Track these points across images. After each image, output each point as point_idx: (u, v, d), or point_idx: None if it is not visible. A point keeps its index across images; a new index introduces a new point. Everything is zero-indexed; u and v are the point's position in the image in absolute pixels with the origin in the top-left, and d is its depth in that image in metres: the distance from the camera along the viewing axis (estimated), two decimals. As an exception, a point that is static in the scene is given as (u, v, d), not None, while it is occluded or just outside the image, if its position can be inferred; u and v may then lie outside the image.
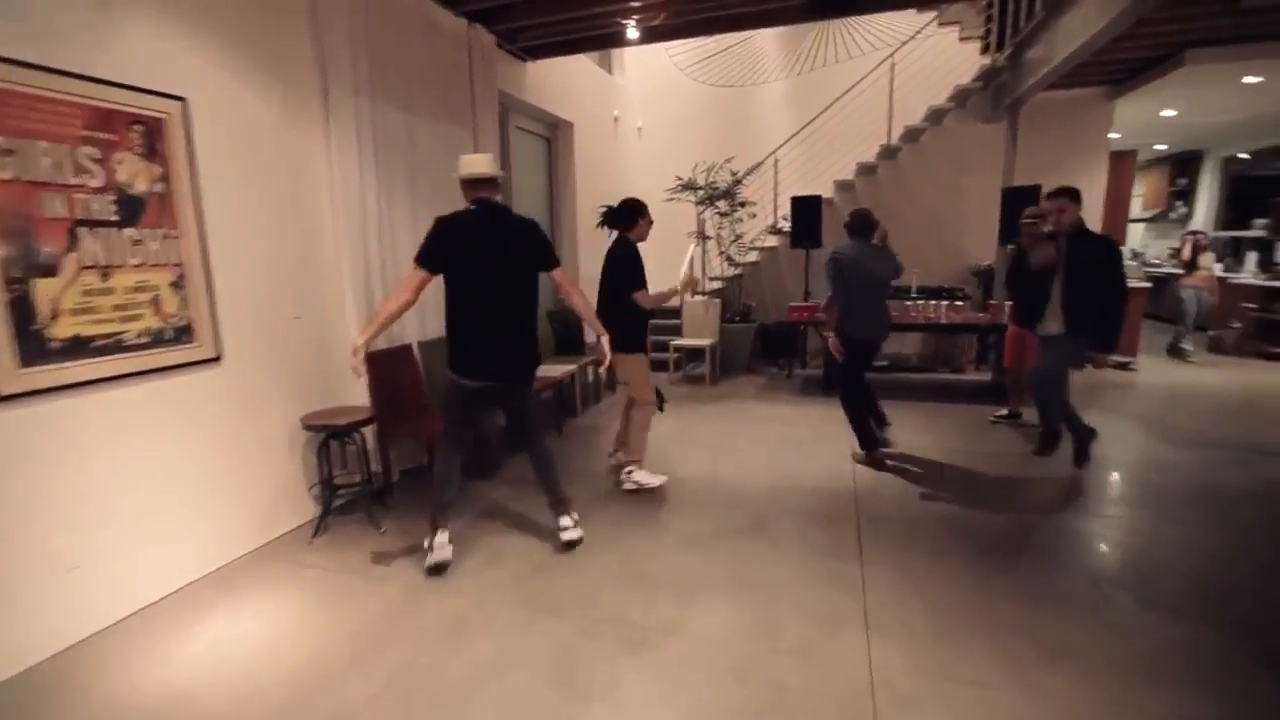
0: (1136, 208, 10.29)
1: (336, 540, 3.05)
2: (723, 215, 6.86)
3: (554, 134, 6.46)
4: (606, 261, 3.53)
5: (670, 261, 6.50)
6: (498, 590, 2.56)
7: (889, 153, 6.81)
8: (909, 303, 6.24)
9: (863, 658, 2.07)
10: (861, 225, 3.92)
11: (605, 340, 2.97)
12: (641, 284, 3.45)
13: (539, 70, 5.70)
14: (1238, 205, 9.07)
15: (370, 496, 3.27)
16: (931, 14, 6.70)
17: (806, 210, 6.49)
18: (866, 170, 6.99)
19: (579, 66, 6.53)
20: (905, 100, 6.72)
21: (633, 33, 5.04)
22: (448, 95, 4.25)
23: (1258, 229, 8.52)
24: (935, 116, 6.69)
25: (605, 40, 5.31)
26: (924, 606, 2.35)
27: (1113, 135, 7.12)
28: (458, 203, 2.84)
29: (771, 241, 7.44)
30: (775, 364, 6.97)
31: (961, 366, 6.82)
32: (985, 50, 6.65)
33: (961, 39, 6.89)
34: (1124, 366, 6.57)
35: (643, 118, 8.44)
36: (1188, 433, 4.44)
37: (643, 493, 3.54)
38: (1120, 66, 6.00)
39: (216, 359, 2.81)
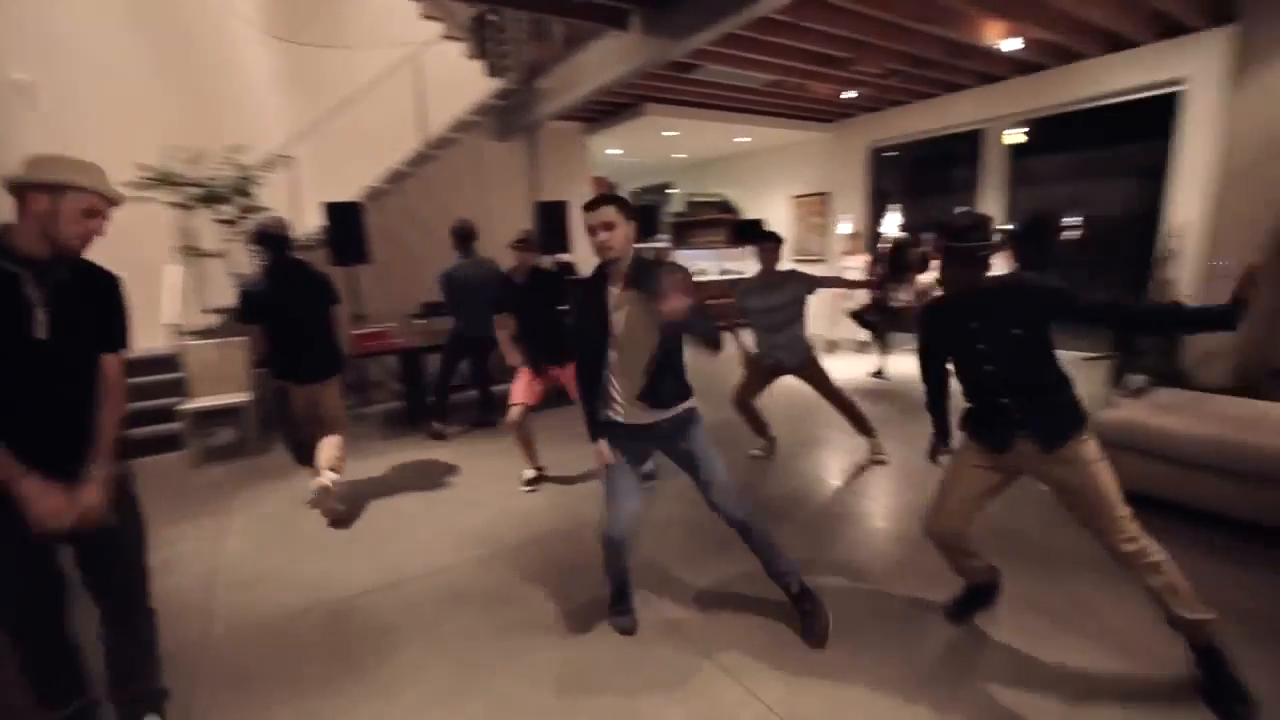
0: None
1: None
2: (226, 223, 5.03)
3: None
4: None
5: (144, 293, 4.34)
6: None
7: (421, 159, 6.35)
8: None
9: None
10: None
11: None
12: None
13: None
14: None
15: None
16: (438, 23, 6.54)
17: (345, 218, 5.42)
18: (398, 177, 6.33)
19: None
20: (433, 105, 6.37)
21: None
22: None
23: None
24: (461, 128, 6.59)
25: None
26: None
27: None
28: None
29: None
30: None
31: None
32: (493, 72, 6.93)
33: (470, 56, 6.99)
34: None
35: (31, 66, 5.35)
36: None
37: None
38: (600, 109, 7.26)
39: None
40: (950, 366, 2.15)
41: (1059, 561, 2.61)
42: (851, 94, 6.79)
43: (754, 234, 3.79)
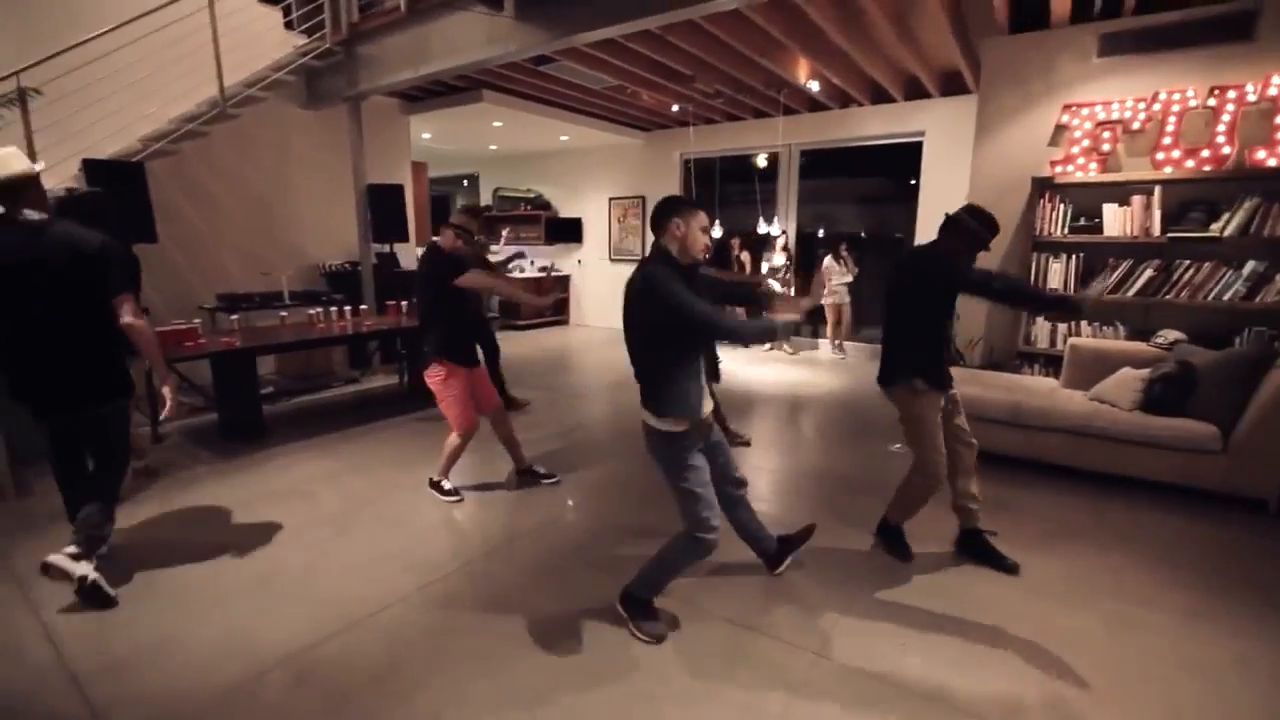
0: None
1: None
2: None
3: None
4: None
5: None
6: None
7: (214, 118, 5.15)
8: (284, 313, 5.19)
9: None
10: None
11: None
12: None
13: None
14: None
15: None
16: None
17: (119, 183, 4.21)
18: (180, 137, 5.05)
19: None
20: (233, 54, 5.19)
21: None
22: None
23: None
24: (269, 87, 5.46)
25: None
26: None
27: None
28: None
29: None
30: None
31: (355, 376, 6.22)
32: (290, 26, 5.92)
33: (262, 1, 5.85)
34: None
35: None
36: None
37: None
38: (429, 89, 6.69)
39: None
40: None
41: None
42: (676, 107, 7.36)
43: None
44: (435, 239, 3.26)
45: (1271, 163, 3.85)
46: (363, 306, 5.78)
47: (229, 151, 5.71)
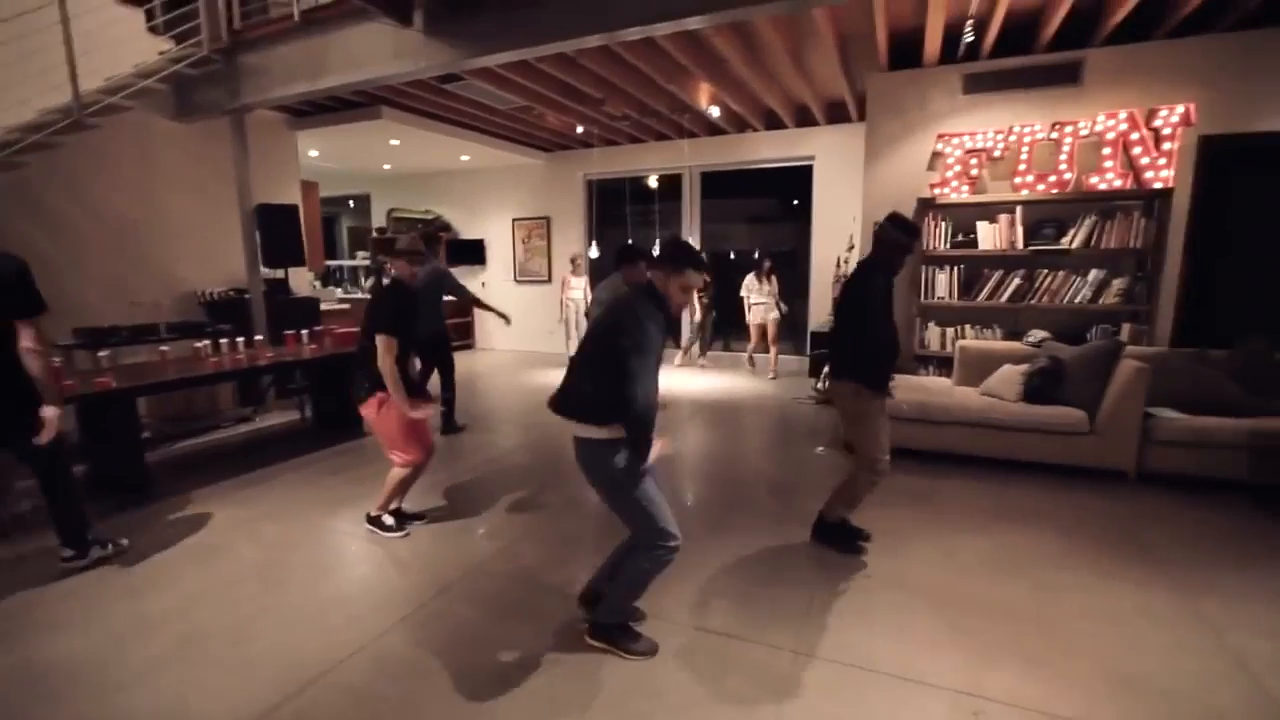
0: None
1: None
2: None
3: None
4: None
5: None
6: None
7: (68, 128, 4.50)
8: (165, 347, 4.63)
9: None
10: None
11: None
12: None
13: None
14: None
15: None
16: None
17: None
18: (26, 148, 4.36)
19: None
20: (89, 58, 4.56)
21: None
22: None
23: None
24: (135, 95, 4.85)
25: None
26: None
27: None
28: None
29: None
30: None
31: (247, 414, 5.61)
32: (155, 31, 5.34)
33: (121, 1, 5.22)
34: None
35: None
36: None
37: None
38: (319, 103, 6.27)
39: None
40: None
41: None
42: (581, 129, 7.44)
43: (628, 254, 4.14)
44: (393, 273, 3.06)
45: (1102, 187, 4.57)
46: (257, 337, 5.25)
47: (83, 167, 5.02)
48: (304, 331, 5.14)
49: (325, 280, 9.44)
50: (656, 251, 2.37)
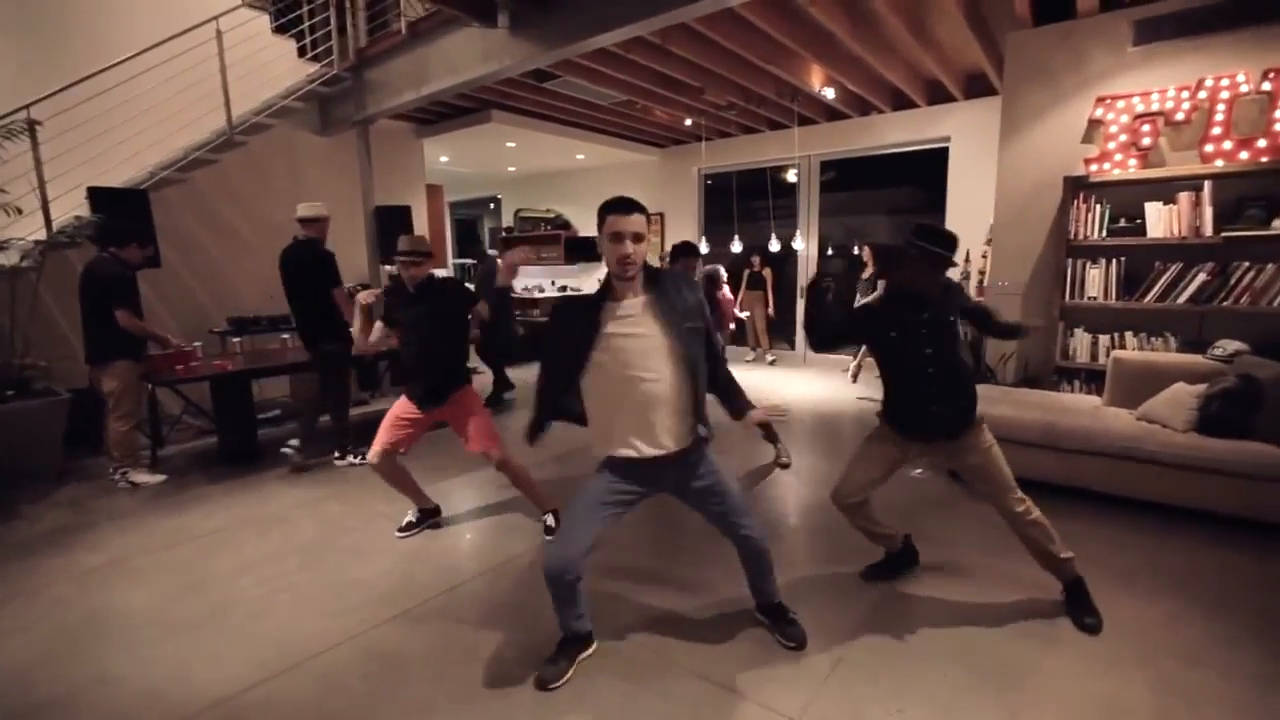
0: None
1: None
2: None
3: None
4: None
5: None
6: None
7: (223, 145, 5.25)
8: (286, 335, 5.17)
9: None
10: None
11: None
12: None
13: None
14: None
15: None
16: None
17: (124, 209, 4.27)
18: (190, 165, 5.15)
19: None
20: (241, 84, 5.29)
21: None
22: None
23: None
24: (277, 114, 5.56)
25: None
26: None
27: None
28: None
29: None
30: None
31: (364, 398, 6.18)
32: (303, 54, 6.03)
33: (275, 31, 5.99)
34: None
35: None
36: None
37: None
38: (439, 111, 6.73)
39: None
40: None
41: (942, 532, 2.97)
42: (689, 121, 7.21)
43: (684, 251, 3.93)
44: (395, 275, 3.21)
45: (1341, 150, 3.43)
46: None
47: (243, 178, 5.80)
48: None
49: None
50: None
